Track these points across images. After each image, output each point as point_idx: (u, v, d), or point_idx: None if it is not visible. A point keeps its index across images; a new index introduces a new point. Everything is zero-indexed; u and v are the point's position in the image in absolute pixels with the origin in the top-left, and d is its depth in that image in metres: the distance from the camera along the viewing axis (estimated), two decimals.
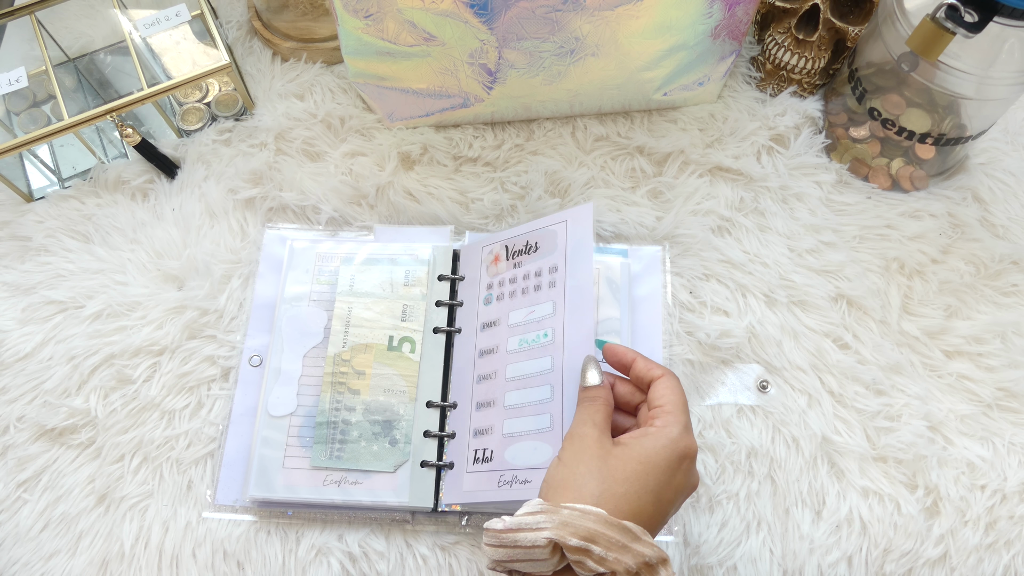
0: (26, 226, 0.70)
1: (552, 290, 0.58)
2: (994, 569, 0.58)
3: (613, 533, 0.41)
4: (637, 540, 0.41)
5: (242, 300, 0.67)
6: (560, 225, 0.60)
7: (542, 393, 0.55)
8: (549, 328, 0.57)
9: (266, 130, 0.74)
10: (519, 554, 0.42)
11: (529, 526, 0.42)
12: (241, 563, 0.58)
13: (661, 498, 0.44)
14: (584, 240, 0.57)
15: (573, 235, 0.58)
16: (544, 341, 0.56)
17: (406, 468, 0.59)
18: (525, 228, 0.62)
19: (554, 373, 0.55)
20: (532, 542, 0.41)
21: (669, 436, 0.45)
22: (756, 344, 0.64)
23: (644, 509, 0.43)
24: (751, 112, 0.74)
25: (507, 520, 0.43)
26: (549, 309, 0.57)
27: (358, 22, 0.61)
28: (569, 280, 0.57)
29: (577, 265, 0.57)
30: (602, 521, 0.41)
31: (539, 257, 0.60)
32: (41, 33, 0.72)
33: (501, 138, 0.74)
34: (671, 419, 0.45)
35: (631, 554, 0.41)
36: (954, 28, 0.54)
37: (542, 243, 0.60)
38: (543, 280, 0.59)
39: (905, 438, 0.61)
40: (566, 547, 0.41)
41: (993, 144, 0.73)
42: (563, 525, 0.41)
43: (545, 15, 0.59)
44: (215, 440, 0.62)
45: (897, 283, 0.67)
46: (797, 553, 0.58)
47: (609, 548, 0.40)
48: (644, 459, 0.44)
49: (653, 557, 0.41)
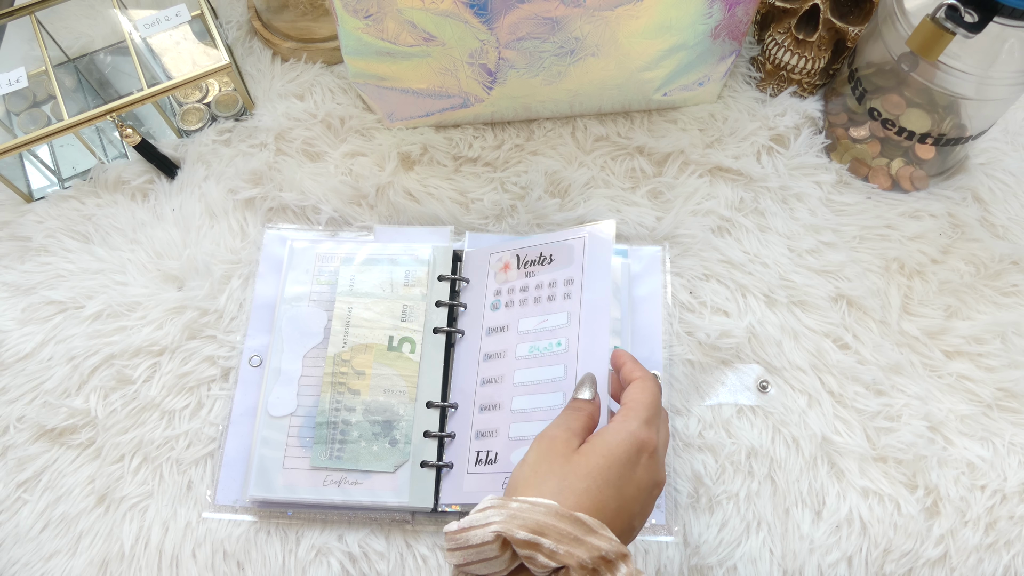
0: (26, 226, 0.70)
1: (567, 301, 0.59)
2: (994, 569, 0.58)
3: (564, 525, 0.39)
4: (592, 533, 0.40)
5: (242, 300, 0.67)
6: (578, 240, 0.61)
7: (554, 400, 0.56)
8: (563, 337, 0.58)
9: (266, 130, 0.74)
10: (472, 554, 0.40)
11: (479, 523, 0.40)
12: (241, 563, 0.58)
13: (623, 492, 0.43)
14: (603, 255, 0.59)
15: (592, 250, 0.60)
16: (557, 350, 0.58)
17: (406, 468, 0.59)
18: (539, 240, 0.64)
19: (567, 381, 0.56)
20: (481, 539, 0.40)
21: (627, 429, 0.45)
22: (756, 344, 0.64)
23: (606, 504, 0.42)
24: (751, 112, 0.74)
25: (461, 521, 0.41)
26: (563, 319, 0.59)
27: (358, 22, 0.61)
28: (586, 293, 0.59)
29: (595, 280, 0.59)
30: (552, 513, 0.40)
31: (554, 269, 0.61)
32: (41, 33, 0.72)
33: (501, 138, 0.74)
34: (631, 414, 0.46)
35: (584, 547, 0.39)
36: (954, 28, 0.54)
37: (558, 255, 0.62)
38: (557, 291, 0.60)
39: (905, 438, 0.61)
40: (514, 541, 0.39)
41: (993, 144, 0.73)
42: (511, 518, 0.39)
43: (545, 15, 0.59)
44: (215, 440, 0.62)
45: (897, 283, 0.67)
46: (797, 553, 0.58)
47: (560, 541, 0.39)
48: (605, 453, 0.44)
49: (610, 552, 0.39)
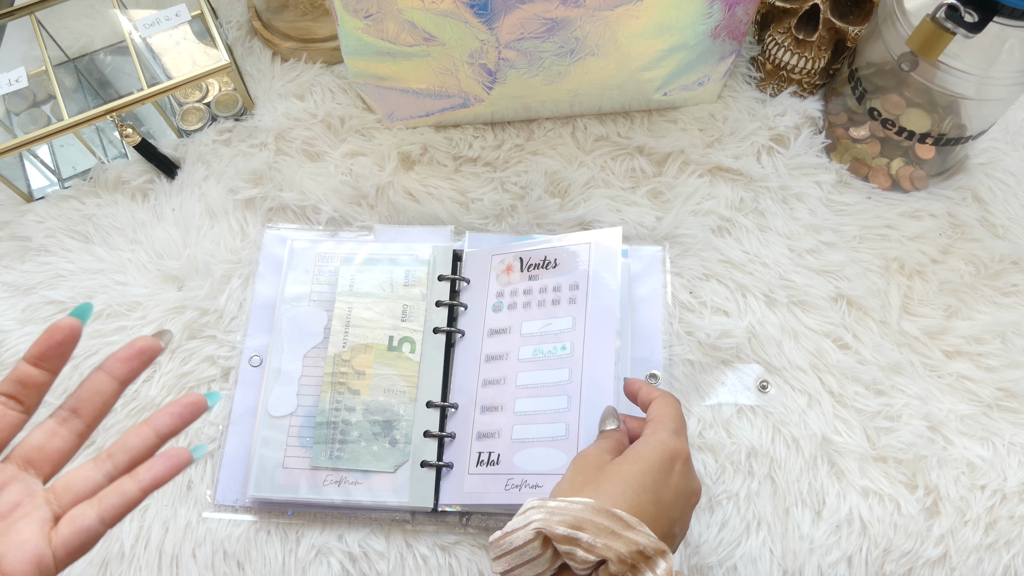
0: (26, 226, 0.70)
1: (572, 306, 0.59)
2: (994, 569, 0.58)
3: (602, 520, 0.41)
4: (630, 528, 0.41)
5: (242, 300, 0.67)
6: (583, 246, 0.61)
7: (558, 403, 0.56)
8: (568, 341, 0.58)
9: (266, 130, 0.74)
10: (516, 557, 0.42)
11: (520, 524, 0.42)
12: (241, 563, 0.58)
13: (660, 498, 0.44)
14: (610, 262, 0.60)
15: (597, 257, 0.60)
16: (562, 353, 0.58)
17: (406, 468, 0.59)
18: (543, 244, 0.64)
19: (572, 385, 0.56)
20: (524, 539, 0.41)
21: (658, 439, 0.46)
22: (756, 344, 0.64)
23: (644, 509, 0.43)
24: (751, 112, 0.74)
25: (505, 527, 0.43)
26: (568, 324, 0.59)
27: (358, 22, 0.61)
28: (592, 299, 0.59)
29: (601, 286, 0.59)
30: (590, 509, 0.41)
31: (558, 274, 0.61)
32: (41, 33, 0.72)
33: (501, 138, 0.74)
34: (660, 426, 0.48)
35: (622, 541, 0.40)
36: (954, 28, 0.54)
37: (562, 260, 0.62)
38: (562, 296, 0.60)
39: (905, 438, 0.61)
40: (553, 536, 0.41)
41: (993, 144, 0.73)
42: (550, 515, 0.41)
43: (545, 15, 0.59)
44: (215, 440, 0.62)
45: (897, 283, 0.67)
46: (797, 553, 0.58)
47: (598, 535, 0.40)
48: (637, 460, 0.45)
49: (648, 547, 0.40)
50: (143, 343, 0.40)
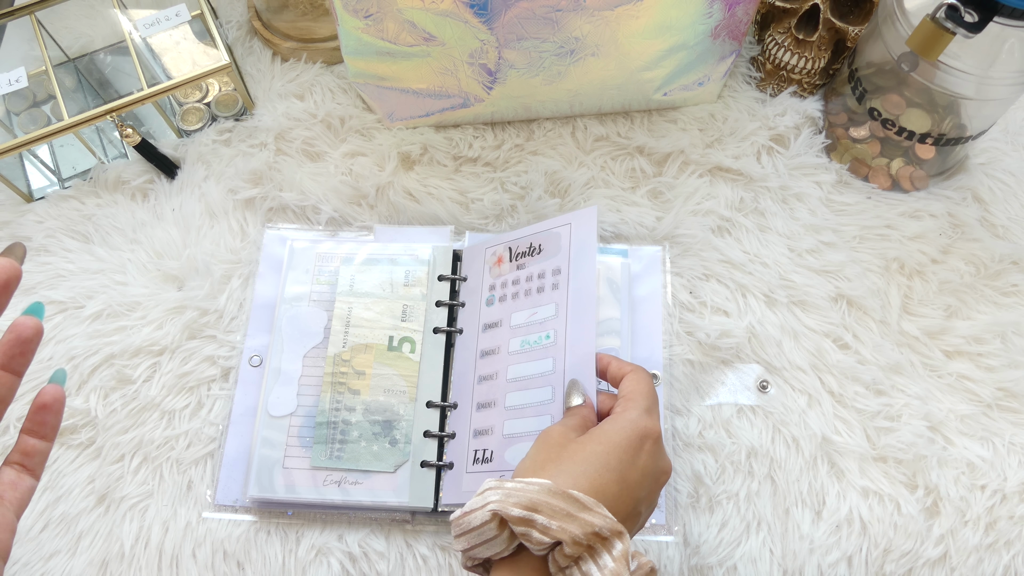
0: (26, 226, 0.70)
1: (555, 292, 0.58)
2: (994, 569, 0.58)
3: (557, 502, 0.40)
4: (586, 510, 0.40)
5: (242, 300, 0.67)
6: (564, 227, 0.60)
7: (543, 395, 0.55)
8: (551, 330, 0.57)
9: (266, 130, 0.74)
10: (474, 537, 0.42)
11: (478, 505, 0.42)
12: (241, 563, 0.58)
13: (626, 478, 0.43)
14: (587, 242, 0.58)
15: (576, 237, 0.58)
16: (546, 343, 0.56)
17: (406, 468, 0.59)
18: (528, 230, 0.62)
19: (555, 375, 0.55)
20: (480, 520, 0.41)
21: (628, 418, 0.46)
22: (756, 344, 0.64)
23: (606, 488, 0.42)
24: (751, 112, 0.74)
25: (464, 506, 0.43)
26: (552, 311, 0.57)
27: (358, 22, 0.61)
28: (572, 282, 0.57)
29: (580, 267, 0.57)
30: (545, 491, 0.41)
31: (542, 259, 0.60)
32: (41, 33, 0.72)
33: (501, 138, 0.74)
34: (630, 404, 0.47)
35: (578, 523, 0.40)
36: (954, 28, 0.54)
37: (546, 245, 0.60)
38: (546, 282, 0.59)
39: (905, 438, 0.61)
40: (509, 518, 0.40)
41: (993, 144, 0.73)
42: (506, 497, 0.41)
43: (545, 15, 0.59)
44: (215, 440, 0.62)
45: (897, 283, 0.67)
46: (797, 553, 0.58)
47: (553, 516, 0.40)
48: (603, 440, 0.44)
49: (604, 528, 0.40)
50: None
